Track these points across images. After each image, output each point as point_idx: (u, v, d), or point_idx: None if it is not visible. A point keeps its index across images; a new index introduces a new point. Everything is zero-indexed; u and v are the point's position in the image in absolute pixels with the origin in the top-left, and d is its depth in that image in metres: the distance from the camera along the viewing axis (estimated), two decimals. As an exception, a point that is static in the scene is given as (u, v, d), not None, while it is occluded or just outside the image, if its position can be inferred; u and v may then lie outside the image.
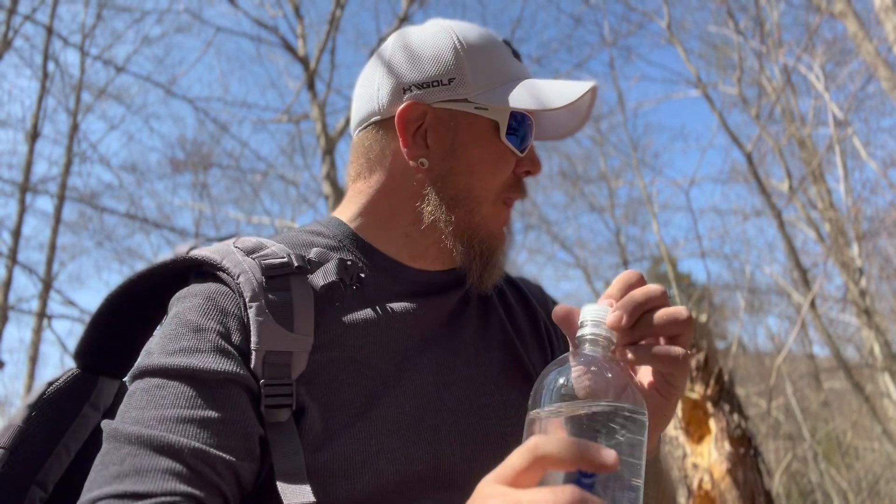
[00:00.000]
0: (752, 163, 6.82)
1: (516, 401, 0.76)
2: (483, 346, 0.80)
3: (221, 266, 0.69)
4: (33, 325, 7.99)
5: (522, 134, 0.79)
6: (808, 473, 8.82)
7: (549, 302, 0.95)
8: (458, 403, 0.73)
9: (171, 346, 0.64)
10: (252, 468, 0.62)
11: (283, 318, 0.67)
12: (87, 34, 8.81)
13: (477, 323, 0.82)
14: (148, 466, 0.56)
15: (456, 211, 0.78)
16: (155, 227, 8.40)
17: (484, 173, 0.78)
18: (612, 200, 12.05)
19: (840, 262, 7.15)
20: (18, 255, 7.59)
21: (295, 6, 6.54)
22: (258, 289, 0.67)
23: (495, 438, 0.73)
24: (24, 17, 6.72)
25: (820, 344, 10.51)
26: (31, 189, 7.71)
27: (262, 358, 0.65)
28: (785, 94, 8.60)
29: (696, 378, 2.68)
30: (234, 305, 0.67)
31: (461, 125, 0.77)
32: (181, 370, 0.62)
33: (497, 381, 0.78)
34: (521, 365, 0.81)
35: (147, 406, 0.61)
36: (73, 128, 8.63)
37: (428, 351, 0.76)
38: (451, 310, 0.81)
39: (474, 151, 0.78)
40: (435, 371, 0.74)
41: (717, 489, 2.45)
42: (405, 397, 0.71)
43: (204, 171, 9.90)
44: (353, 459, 0.64)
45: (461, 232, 0.78)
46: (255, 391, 0.64)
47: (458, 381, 0.75)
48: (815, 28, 7.22)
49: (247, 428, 0.62)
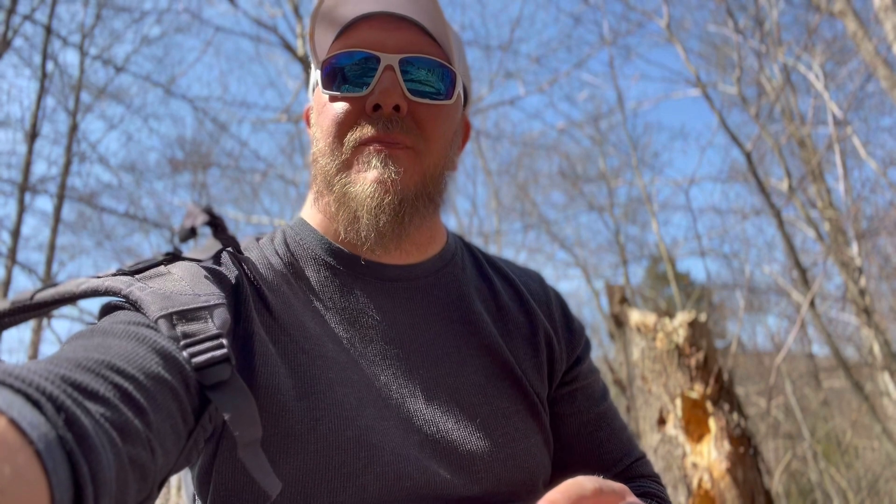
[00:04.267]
0: (751, 162, 6.82)
1: (506, 410, 0.74)
2: (466, 349, 0.76)
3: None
4: (33, 325, 7.98)
5: (354, 74, 0.73)
6: (808, 473, 8.83)
7: (553, 298, 0.90)
8: (444, 416, 0.70)
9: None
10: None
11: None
12: (86, 34, 8.80)
13: (458, 325, 0.78)
14: None
15: (313, 175, 0.77)
16: (154, 227, 8.40)
17: (321, 135, 0.75)
18: (611, 200, 12.05)
19: (839, 261, 7.15)
20: (18, 255, 7.59)
21: (295, 6, 6.54)
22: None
23: (485, 451, 0.70)
24: (23, 16, 6.72)
25: (819, 343, 10.53)
26: (30, 189, 7.71)
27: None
28: (784, 93, 8.60)
29: (695, 377, 2.68)
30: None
31: (314, 104, 0.80)
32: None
33: (484, 389, 0.74)
34: (508, 371, 0.77)
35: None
36: (72, 128, 8.63)
37: (397, 354, 0.72)
38: (412, 302, 0.77)
39: (314, 119, 0.79)
40: (413, 380, 0.71)
41: (717, 488, 2.45)
42: (381, 404, 0.68)
43: (203, 170, 9.90)
44: (340, 471, 0.62)
45: (325, 193, 0.75)
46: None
47: (441, 391, 0.72)
48: (815, 27, 7.23)
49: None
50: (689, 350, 2.74)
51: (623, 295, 3.34)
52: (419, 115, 0.73)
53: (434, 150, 0.74)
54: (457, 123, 0.80)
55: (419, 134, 0.73)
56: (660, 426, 2.68)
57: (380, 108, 0.71)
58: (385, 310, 0.75)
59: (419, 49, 0.73)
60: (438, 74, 0.74)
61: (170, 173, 9.90)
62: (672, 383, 2.70)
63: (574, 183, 12.19)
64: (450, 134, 0.77)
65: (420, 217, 0.74)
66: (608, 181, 11.81)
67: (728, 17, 7.91)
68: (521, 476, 0.71)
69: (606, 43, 9.00)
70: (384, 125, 0.71)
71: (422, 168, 0.73)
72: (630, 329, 3.03)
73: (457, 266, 0.84)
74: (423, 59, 0.73)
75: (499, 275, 0.88)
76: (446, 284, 0.81)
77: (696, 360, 2.70)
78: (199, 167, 9.80)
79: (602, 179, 12.01)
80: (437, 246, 0.83)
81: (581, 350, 0.87)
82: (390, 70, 0.71)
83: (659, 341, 2.81)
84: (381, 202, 0.69)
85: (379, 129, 0.71)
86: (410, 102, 0.72)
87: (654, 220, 9.53)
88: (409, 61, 0.72)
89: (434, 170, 0.75)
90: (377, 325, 0.73)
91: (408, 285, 0.78)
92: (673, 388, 2.69)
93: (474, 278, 0.85)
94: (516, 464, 0.71)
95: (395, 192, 0.70)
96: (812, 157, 8.55)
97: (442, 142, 0.75)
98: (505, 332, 0.80)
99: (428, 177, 0.74)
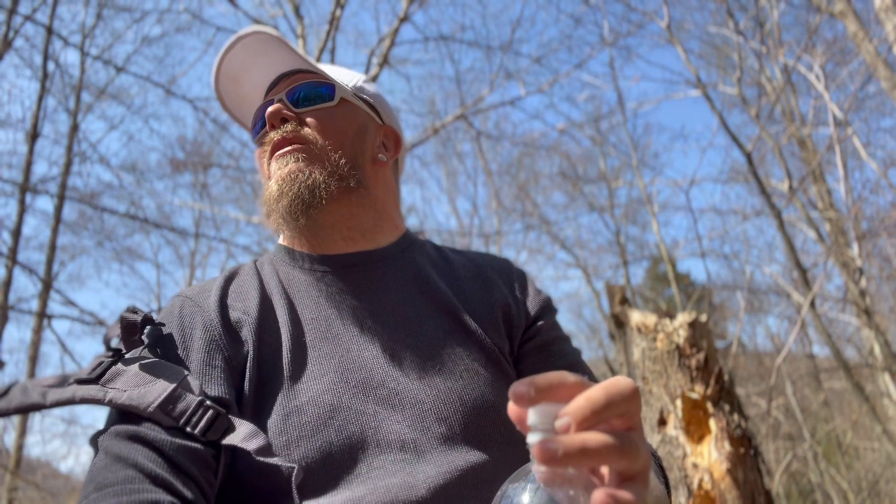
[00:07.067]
0: (751, 163, 6.81)
1: (466, 358, 0.80)
2: (425, 312, 0.85)
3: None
4: (33, 325, 7.98)
5: (259, 125, 0.93)
6: (808, 473, 8.82)
7: (515, 273, 0.95)
8: (405, 371, 0.78)
9: None
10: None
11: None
12: (87, 34, 8.80)
13: (415, 295, 0.87)
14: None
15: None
16: (155, 227, 8.38)
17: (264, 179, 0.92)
18: (611, 200, 12.05)
19: (840, 262, 7.15)
20: (18, 255, 7.59)
21: (295, 6, 6.54)
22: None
23: (449, 394, 0.76)
24: (24, 17, 6.71)
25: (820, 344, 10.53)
26: (31, 189, 7.71)
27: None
28: (785, 94, 8.60)
29: (696, 378, 2.68)
30: None
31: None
32: None
33: (443, 342, 0.81)
34: (464, 326, 0.84)
35: None
36: (73, 128, 8.63)
37: (360, 325, 0.82)
38: (373, 280, 0.87)
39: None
40: (375, 344, 0.80)
41: (717, 489, 2.45)
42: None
43: (204, 170, 9.90)
44: (305, 428, 0.72)
45: (272, 216, 0.88)
46: None
47: (402, 350, 0.80)
48: (815, 28, 7.22)
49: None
50: (690, 351, 2.74)
51: (623, 295, 3.35)
52: (307, 119, 0.88)
53: (330, 143, 0.87)
54: (359, 123, 0.92)
55: (314, 134, 0.87)
56: (660, 427, 2.68)
57: (273, 127, 0.88)
58: (345, 290, 0.85)
59: (298, 80, 0.91)
60: (315, 87, 0.89)
61: (170, 173, 9.90)
62: (672, 384, 2.70)
63: (574, 183, 12.19)
64: (348, 130, 0.90)
65: (337, 201, 0.86)
66: (608, 182, 11.81)
67: (728, 18, 7.91)
68: (481, 419, 0.75)
69: (607, 44, 9.00)
70: (277, 134, 0.87)
71: (321, 158, 0.86)
72: (630, 329, 3.03)
73: (415, 252, 0.93)
74: (302, 84, 0.90)
75: (459, 257, 0.97)
76: (403, 265, 0.90)
77: (697, 360, 2.70)
78: (200, 167, 9.80)
79: (602, 180, 12.01)
80: (390, 235, 0.93)
81: (540, 310, 0.92)
82: (279, 101, 0.88)
83: (659, 342, 2.81)
84: (281, 191, 0.84)
85: (273, 140, 0.87)
86: (298, 113, 0.88)
87: (654, 221, 9.53)
88: (293, 89, 0.89)
89: (339, 158, 0.86)
90: (339, 304, 0.83)
91: (365, 268, 0.88)
92: (673, 389, 2.69)
93: (433, 260, 0.94)
94: (481, 405, 0.76)
95: (293, 181, 0.83)
96: (813, 157, 8.55)
97: (337, 135, 0.88)
98: (461, 297, 0.88)
99: (331, 163, 0.86)
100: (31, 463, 11.69)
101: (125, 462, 0.66)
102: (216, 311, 0.80)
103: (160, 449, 0.67)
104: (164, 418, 0.68)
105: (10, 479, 7.34)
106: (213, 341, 0.77)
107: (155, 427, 0.68)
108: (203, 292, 0.84)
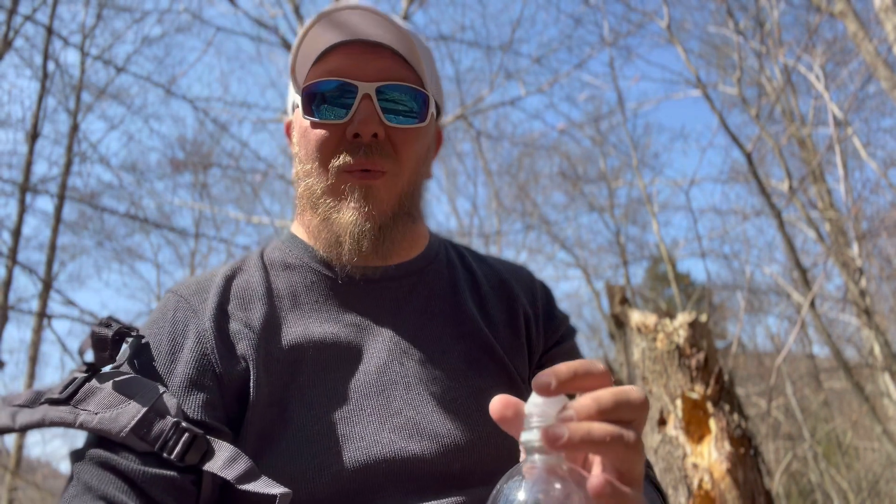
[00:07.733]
0: (751, 163, 6.81)
1: (486, 390, 0.76)
2: (448, 338, 0.80)
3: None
4: (33, 325, 7.98)
5: (333, 100, 0.77)
6: (809, 473, 8.82)
7: (539, 288, 0.93)
8: (423, 401, 0.74)
9: None
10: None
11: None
12: (87, 34, 8.80)
13: (439, 317, 0.82)
14: None
15: (299, 194, 0.83)
16: (155, 227, 8.40)
17: (305, 157, 0.81)
18: (611, 200, 12.05)
19: (840, 262, 7.14)
20: (18, 255, 7.59)
21: (295, 6, 6.53)
22: None
23: (463, 430, 0.73)
24: (24, 17, 6.71)
25: (820, 344, 10.53)
26: (31, 189, 7.70)
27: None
28: (785, 93, 8.60)
29: (696, 378, 2.68)
30: None
31: (294, 124, 0.85)
32: None
33: (465, 373, 0.78)
34: (490, 353, 0.80)
35: None
36: (73, 128, 8.63)
37: (380, 347, 0.77)
38: (396, 300, 0.82)
39: (296, 140, 0.84)
40: (394, 370, 0.76)
41: (717, 489, 2.45)
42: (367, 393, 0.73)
43: (204, 170, 9.90)
44: (312, 461, 0.68)
45: (308, 211, 0.81)
46: None
47: (422, 378, 0.76)
48: (815, 28, 7.22)
49: None
50: (690, 351, 2.73)
51: (623, 295, 3.34)
52: (395, 139, 0.78)
53: (407, 170, 0.79)
54: (430, 139, 0.86)
55: (395, 157, 0.78)
56: (660, 427, 2.68)
57: (359, 136, 0.76)
58: (368, 308, 0.80)
59: (393, 75, 0.78)
60: (412, 97, 0.78)
61: (170, 173, 9.90)
62: (672, 384, 2.69)
63: (574, 183, 12.19)
64: (423, 151, 0.83)
65: (401, 233, 0.80)
66: (608, 182, 11.81)
67: (728, 18, 7.91)
68: (501, 452, 0.73)
69: (607, 44, 9.00)
70: (364, 152, 0.76)
71: (397, 190, 0.79)
72: (630, 330, 3.03)
73: (440, 264, 0.88)
74: (397, 86, 0.77)
75: (483, 266, 0.92)
76: (429, 282, 0.85)
77: (697, 360, 2.70)
78: (200, 167, 9.80)
79: (602, 180, 12.01)
80: (418, 248, 0.88)
81: (561, 335, 0.90)
82: (368, 99, 0.76)
83: (659, 342, 2.81)
84: (362, 229, 0.76)
85: (359, 157, 0.76)
86: (387, 128, 0.77)
87: (654, 221, 9.53)
88: (384, 89, 0.77)
89: (409, 187, 0.80)
90: (360, 323, 0.79)
91: (391, 284, 0.83)
92: (673, 389, 2.69)
93: (458, 273, 0.89)
94: (496, 440, 0.74)
95: (375, 221, 0.76)
96: (812, 157, 8.55)
97: (415, 161, 0.81)
98: (487, 319, 0.84)
99: (404, 196, 0.80)
100: (31, 463, 11.71)
101: (94, 493, 0.63)
102: (212, 319, 0.75)
103: (132, 480, 0.64)
104: (139, 443, 0.65)
105: (10, 479, 7.34)
106: (205, 356, 0.72)
107: (128, 455, 0.65)
108: (200, 292, 0.78)
